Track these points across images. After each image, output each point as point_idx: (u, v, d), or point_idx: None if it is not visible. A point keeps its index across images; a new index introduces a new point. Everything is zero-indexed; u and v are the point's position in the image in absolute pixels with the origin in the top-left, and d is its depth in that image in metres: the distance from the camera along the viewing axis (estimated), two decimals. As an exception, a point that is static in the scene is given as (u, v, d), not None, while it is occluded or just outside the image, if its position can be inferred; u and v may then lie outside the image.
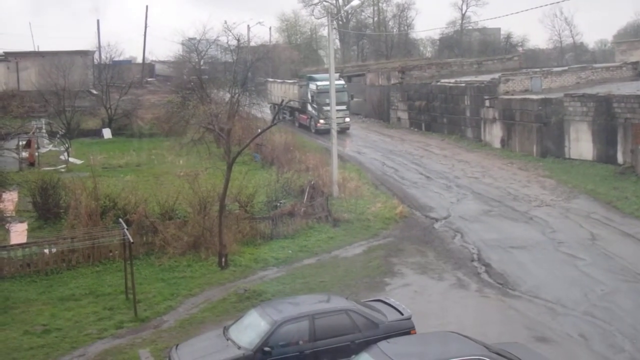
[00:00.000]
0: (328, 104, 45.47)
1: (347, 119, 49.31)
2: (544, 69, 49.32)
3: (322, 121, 46.98)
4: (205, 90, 40.29)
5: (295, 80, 55.76)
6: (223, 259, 21.19)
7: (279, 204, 26.27)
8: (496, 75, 44.86)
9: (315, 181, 29.09)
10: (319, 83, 48.74)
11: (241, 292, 19.04)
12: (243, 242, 23.16)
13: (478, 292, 19.04)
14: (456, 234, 24.68)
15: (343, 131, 46.47)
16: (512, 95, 41.58)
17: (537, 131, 37.61)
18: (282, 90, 55.80)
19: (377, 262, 21.72)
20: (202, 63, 45.69)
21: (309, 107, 50.24)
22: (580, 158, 34.37)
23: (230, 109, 24.18)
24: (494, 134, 42.02)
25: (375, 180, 33.83)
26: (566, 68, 48.61)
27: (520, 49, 78.74)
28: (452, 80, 49.97)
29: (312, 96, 49.49)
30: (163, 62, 68.97)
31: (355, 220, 26.12)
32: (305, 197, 27.29)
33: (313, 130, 49.39)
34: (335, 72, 57.18)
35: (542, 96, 38.63)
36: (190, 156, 31.67)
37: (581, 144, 34.44)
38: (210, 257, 21.70)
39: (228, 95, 38.01)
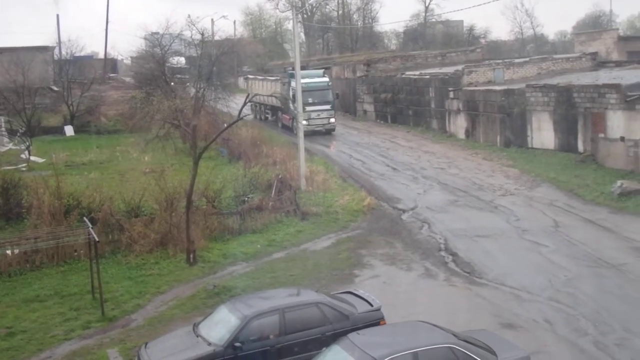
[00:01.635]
0: (312, 104, 44.46)
1: (332, 120, 46.39)
2: (506, 60, 49.85)
3: (304, 122, 43.76)
4: (170, 85, 39.92)
5: (278, 77, 53.48)
6: (191, 255, 21.06)
7: (246, 199, 26.17)
8: (460, 67, 45.26)
9: (282, 175, 29.06)
10: (302, 80, 46.04)
11: (210, 288, 18.96)
12: (211, 238, 23.04)
13: (446, 281, 19.22)
14: (423, 224, 24.87)
15: (328, 132, 45.60)
16: (476, 86, 41.96)
17: (500, 122, 38.02)
18: (264, 88, 52.68)
19: (346, 255, 21.79)
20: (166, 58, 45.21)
21: (291, 106, 46.75)
22: (543, 147, 34.84)
23: (195, 104, 23.94)
24: (459, 125, 42.38)
25: (343, 173, 33.91)
26: (527, 59, 49.16)
27: (482, 41, 79.50)
28: (417, 73, 50.26)
29: (294, 94, 46.93)
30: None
31: (323, 213, 26.15)
32: (273, 191, 27.25)
33: (295, 132, 47.06)
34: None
35: (505, 87, 39.05)
36: (155, 152, 31.40)
37: (543, 133, 34.91)
38: (179, 254, 21.55)
39: (193, 90, 37.73)
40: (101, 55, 79.40)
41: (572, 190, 27.75)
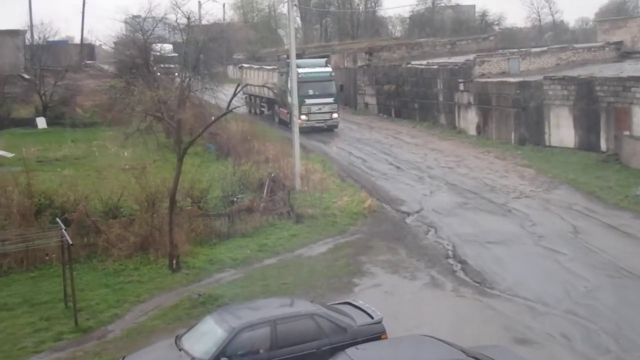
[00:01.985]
0: (313, 96, 43.69)
1: (335, 115, 45.17)
2: (521, 49, 49.87)
3: (303, 117, 42.32)
4: (152, 73, 39.88)
5: (275, 66, 52.30)
6: (174, 261, 21.04)
7: (236, 199, 26.16)
8: (471, 57, 45.30)
9: (275, 173, 29.07)
10: (301, 70, 43.47)
11: (195, 297, 18.95)
12: (196, 242, 23.04)
13: (453, 291, 19.23)
14: (429, 229, 24.88)
15: (330, 129, 44.88)
16: (488, 78, 42.01)
17: (515, 117, 38.06)
18: (260, 78, 51.54)
19: (345, 261, 21.79)
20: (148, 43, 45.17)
21: (290, 99, 46.46)
22: (561, 145, 34.90)
23: (180, 95, 23.92)
24: (469, 120, 42.42)
25: (342, 171, 33.93)
26: (545, 48, 49.23)
27: (496, 28, 79.60)
28: (424, 62, 50.30)
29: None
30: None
31: (320, 215, 26.16)
32: (265, 191, 27.24)
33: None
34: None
35: (520, 79, 39.11)
36: (136, 147, 31.33)
37: (562, 130, 34.97)
38: (160, 259, 21.54)
39: (178, 80, 37.74)
40: (77, 41, 79.37)
41: (592, 193, 27.78)
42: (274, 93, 44.18)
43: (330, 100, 44.94)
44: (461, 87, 43.15)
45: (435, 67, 47.33)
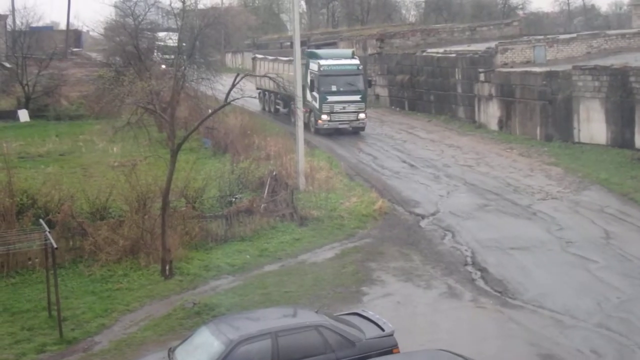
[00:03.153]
0: (336, 92, 41.40)
1: (362, 116, 42.11)
2: (548, 36, 49.81)
3: (324, 117, 41.27)
4: (144, 62, 39.91)
5: (292, 58, 50.83)
6: (167, 267, 21.07)
7: (234, 200, 26.18)
8: (492, 44, 45.21)
9: (277, 171, 29.06)
10: (322, 62, 42.17)
11: (189, 306, 18.97)
12: (191, 246, 23.06)
13: (473, 302, 19.20)
14: (446, 233, 24.86)
15: (356, 132, 42.35)
16: (512, 67, 41.93)
17: (541, 110, 37.99)
18: (274, 70, 47.33)
19: (353, 268, 21.78)
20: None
21: (308, 96, 42.33)
22: (592, 142, 34.81)
23: (174, 86, 23.92)
24: (490, 113, 42.37)
25: (350, 169, 33.92)
26: (575, 35, 49.14)
27: (520, 12, 79.56)
28: (441, 50, 50.24)
29: (312, 80, 42.31)
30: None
31: (326, 218, 26.15)
32: (266, 190, 27.26)
33: (312, 130, 42.33)
34: (326, 44, 56.14)
35: (547, 69, 39.03)
36: (126, 143, 31.34)
37: (593, 125, 34.89)
38: (152, 265, 21.56)
39: (171, 69, 37.75)
40: (63, 26, 79.62)
41: (627, 195, 27.70)
42: (279, 86, 43.02)
43: (357, 97, 41.97)
44: (482, 77, 43.08)
45: (453, 55, 47.27)
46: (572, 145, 35.65)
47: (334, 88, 41.55)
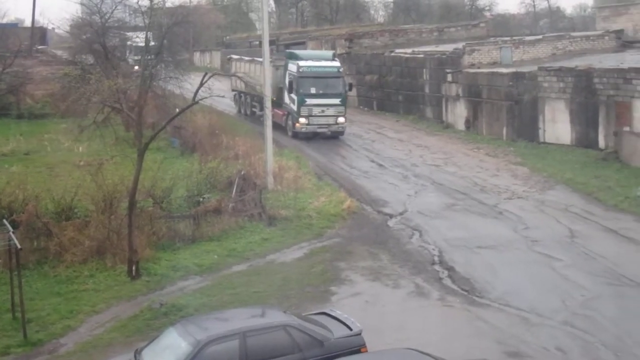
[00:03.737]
0: (315, 95, 39.85)
1: (342, 120, 40.71)
2: (515, 37, 50.18)
3: (303, 120, 40.11)
4: (111, 60, 39.59)
5: (270, 59, 49.05)
6: (134, 267, 20.91)
7: (202, 199, 26.06)
8: (460, 45, 45.44)
9: (246, 171, 28.99)
10: (302, 63, 40.75)
11: (157, 306, 18.85)
12: (158, 246, 22.92)
13: (440, 300, 19.27)
14: (414, 232, 24.93)
15: (335, 136, 40.95)
16: (479, 68, 42.20)
17: (507, 111, 38.27)
18: (251, 71, 46.14)
19: (321, 268, 21.77)
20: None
21: (286, 98, 41.65)
22: (557, 142, 35.14)
23: (142, 84, 23.76)
24: (458, 114, 42.60)
25: (318, 169, 33.91)
26: (540, 37, 49.56)
27: (487, 14, 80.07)
28: (409, 51, 50.43)
29: (290, 82, 40.95)
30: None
31: (294, 217, 26.12)
32: (234, 190, 27.17)
33: (290, 133, 41.29)
34: (294, 44, 55.42)
35: (513, 70, 39.32)
36: (92, 142, 31.16)
37: (558, 125, 35.21)
38: (118, 265, 21.39)
39: (138, 68, 37.49)
40: (28, 23, 78.64)
41: (591, 194, 28.00)
42: (247, 85, 41.69)
43: (337, 101, 40.52)
44: (449, 77, 43.31)
45: (421, 56, 47.46)
46: (538, 146, 35.95)
47: (313, 90, 40.25)
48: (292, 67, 41.15)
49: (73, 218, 23.39)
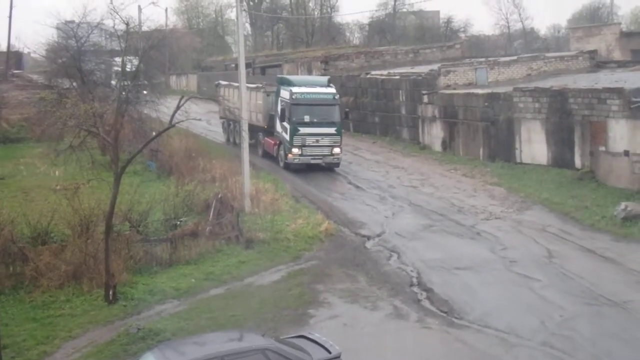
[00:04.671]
0: (308, 123, 37.67)
1: (337, 150, 38.02)
2: (490, 58, 50.67)
3: (295, 151, 37.57)
4: (87, 84, 39.45)
5: (260, 85, 44.77)
6: (111, 292, 20.78)
7: (179, 223, 25.99)
8: (435, 66, 45.85)
9: (222, 194, 28.94)
10: (295, 89, 38.28)
11: (134, 331, 18.71)
12: (135, 270, 22.81)
13: (419, 322, 19.27)
14: (392, 254, 24.95)
15: (331, 168, 38.61)
16: (454, 89, 42.50)
17: (483, 131, 38.51)
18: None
19: (299, 290, 21.72)
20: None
21: (278, 127, 39.48)
22: (534, 162, 35.36)
23: (118, 108, 23.71)
24: (434, 135, 42.81)
25: (295, 191, 33.90)
26: (515, 58, 50.09)
27: (462, 35, 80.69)
28: (385, 72, 50.74)
29: (283, 109, 38.55)
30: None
31: (271, 240, 26.07)
32: (211, 213, 27.10)
33: (281, 164, 39.08)
34: (269, 66, 55.20)
35: (489, 90, 39.63)
36: (68, 166, 30.81)
37: (534, 145, 35.44)
38: (95, 290, 21.26)
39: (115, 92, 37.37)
40: (3, 48, 78.27)
41: (568, 214, 28.18)
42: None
43: (332, 130, 37.98)
44: (425, 99, 43.54)
45: (397, 77, 47.72)
46: (515, 166, 36.15)
47: (306, 118, 37.81)
48: (285, 93, 38.89)
49: (49, 242, 23.26)
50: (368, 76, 51.28)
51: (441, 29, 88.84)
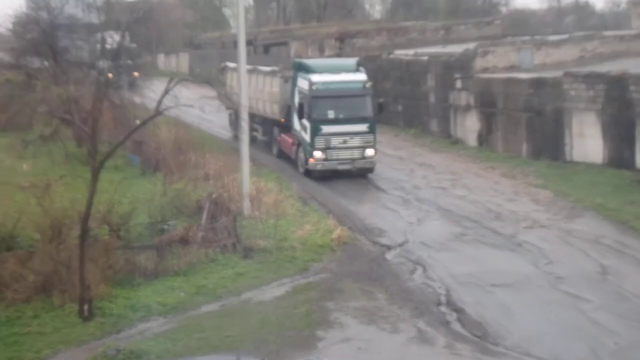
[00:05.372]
0: (333, 120, 35.71)
1: (370, 152, 36.14)
2: (536, 37, 50.57)
3: (318, 154, 35.54)
4: (60, 64, 39.71)
5: (277, 69, 42.02)
6: (86, 307, 20.93)
7: (166, 227, 26.13)
8: (471, 46, 45.70)
9: (218, 194, 29.02)
10: (315, 78, 36.01)
11: (112, 352, 18.82)
12: (115, 282, 22.91)
13: (447, 348, 19.30)
14: (416, 267, 25.00)
15: (362, 174, 36.70)
16: (493, 73, 42.44)
17: (527, 124, 38.47)
18: (252, 84, 41.19)
19: (306, 308, 21.78)
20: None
21: (296, 124, 37.56)
22: (586, 161, 35.27)
23: (96, 92, 23.86)
24: (468, 127, 42.80)
25: (303, 192, 33.95)
26: (566, 37, 49.88)
27: (503, 9, 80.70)
28: (411, 52, 50.66)
29: (301, 104, 36.58)
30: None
31: (274, 249, 26.15)
32: (205, 216, 27.20)
33: (301, 169, 37.32)
34: (276, 44, 54.82)
35: (534, 75, 39.56)
36: (38, 159, 31.18)
37: (587, 141, 35.35)
38: (68, 304, 21.38)
39: (93, 73, 37.56)
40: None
41: (626, 222, 28.11)
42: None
43: (363, 127, 36.06)
44: (458, 84, 43.55)
45: (425, 58, 47.70)
46: (563, 165, 36.09)
47: (331, 114, 35.86)
48: (303, 82, 36.91)
49: (15, 249, 23.45)
50: (391, 57, 51.28)
51: (478, 2, 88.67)
